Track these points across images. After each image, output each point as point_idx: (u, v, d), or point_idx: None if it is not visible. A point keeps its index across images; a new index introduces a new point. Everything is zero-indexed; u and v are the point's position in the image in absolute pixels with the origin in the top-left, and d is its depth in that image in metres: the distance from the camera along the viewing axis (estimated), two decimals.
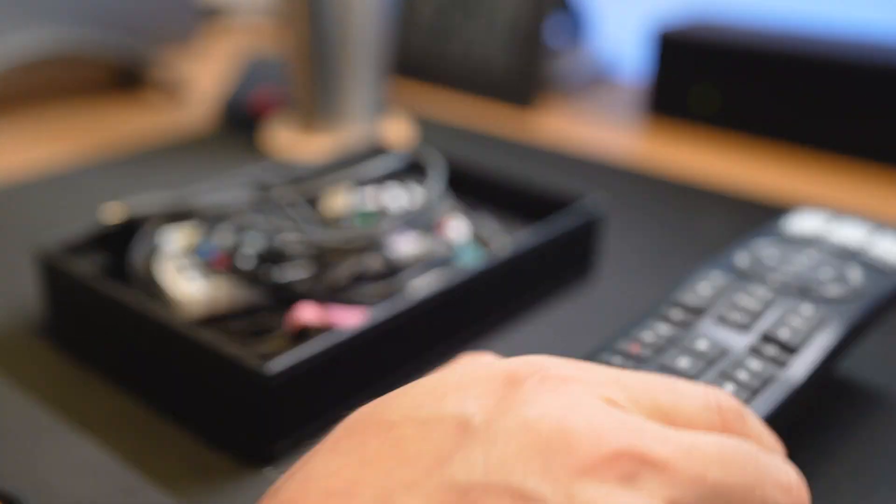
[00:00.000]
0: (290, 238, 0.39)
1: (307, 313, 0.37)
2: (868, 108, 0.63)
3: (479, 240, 0.46)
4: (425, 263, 0.42)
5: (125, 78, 0.76)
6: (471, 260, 0.43)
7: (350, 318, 0.37)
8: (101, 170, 0.61)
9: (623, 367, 0.28)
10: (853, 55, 0.64)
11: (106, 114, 0.73)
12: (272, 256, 0.39)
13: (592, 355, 0.29)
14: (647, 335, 0.30)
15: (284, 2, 0.63)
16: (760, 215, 0.54)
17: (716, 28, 0.72)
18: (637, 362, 0.28)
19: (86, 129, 0.69)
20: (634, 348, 0.29)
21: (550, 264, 0.44)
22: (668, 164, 0.64)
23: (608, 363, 0.28)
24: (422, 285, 0.40)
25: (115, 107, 0.74)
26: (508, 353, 0.37)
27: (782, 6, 0.77)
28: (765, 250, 0.35)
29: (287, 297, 0.38)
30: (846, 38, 0.68)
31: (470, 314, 0.41)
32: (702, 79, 0.70)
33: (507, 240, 0.45)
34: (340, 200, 0.45)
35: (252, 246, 0.40)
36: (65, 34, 0.68)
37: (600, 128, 0.73)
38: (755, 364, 0.28)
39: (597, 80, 0.85)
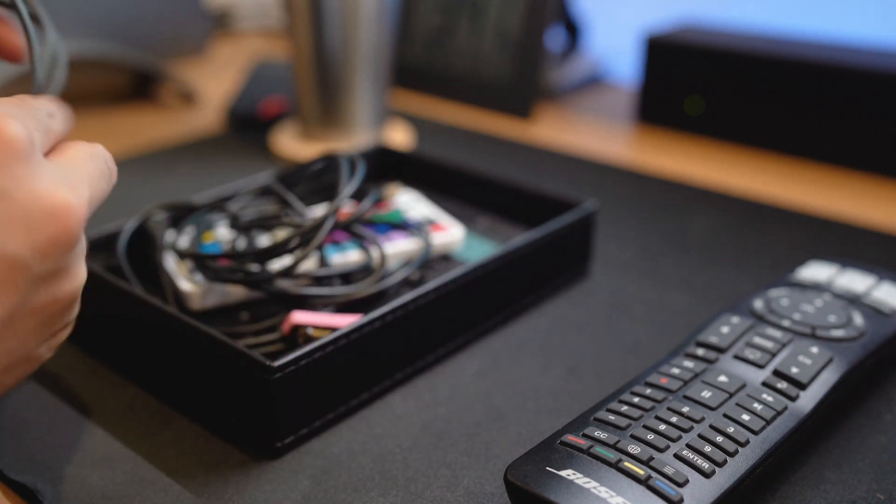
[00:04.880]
0: (287, 235, 0.41)
1: (300, 314, 0.39)
2: (854, 113, 0.63)
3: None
4: (412, 263, 0.45)
5: (143, 85, 0.82)
6: (472, 257, 0.45)
7: (345, 319, 0.39)
8: (120, 170, 0.65)
9: (653, 397, 0.32)
10: (838, 61, 0.63)
11: (124, 118, 0.77)
12: (271, 252, 0.41)
13: (626, 387, 0.34)
14: (674, 370, 0.34)
15: (289, 11, 0.64)
16: (750, 214, 0.57)
17: (703, 34, 0.73)
18: (665, 392, 0.33)
19: (105, 132, 0.74)
20: (663, 381, 0.34)
21: (548, 263, 0.46)
22: (658, 166, 0.66)
23: (641, 396, 0.33)
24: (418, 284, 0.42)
25: (133, 112, 0.79)
26: (508, 349, 0.42)
27: (771, 13, 0.79)
28: (779, 297, 0.39)
29: (284, 295, 0.41)
30: (831, 44, 0.68)
31: (469, 312, 0.42)
32: (689, 84, 0.70)
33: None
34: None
35: (252, 244, 0.43)
36: (89, 46, 0.73)
37: (593, 131, 0.75)
38: (769, 397, 0.33)
39: (591, 85, 0.87)
